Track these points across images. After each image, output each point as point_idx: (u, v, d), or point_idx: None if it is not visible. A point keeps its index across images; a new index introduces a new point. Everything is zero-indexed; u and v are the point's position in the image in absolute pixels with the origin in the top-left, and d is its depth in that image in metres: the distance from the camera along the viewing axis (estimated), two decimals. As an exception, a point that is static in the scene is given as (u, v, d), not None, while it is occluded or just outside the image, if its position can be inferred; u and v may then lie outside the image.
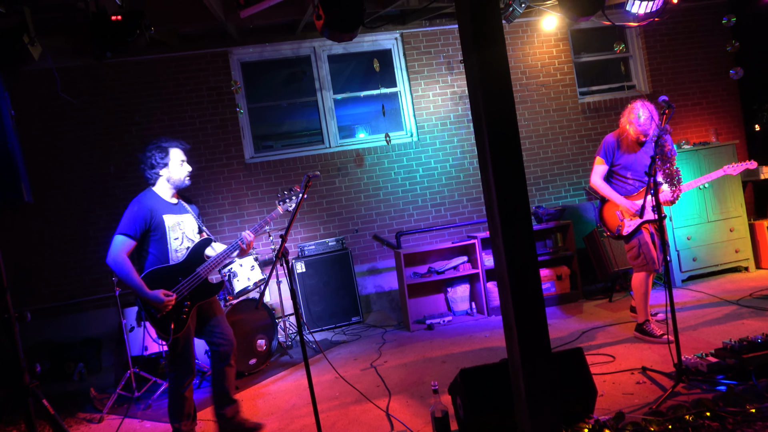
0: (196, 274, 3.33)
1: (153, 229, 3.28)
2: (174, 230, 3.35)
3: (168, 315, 3.23)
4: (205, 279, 3.37)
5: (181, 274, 3.31)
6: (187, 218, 3.45)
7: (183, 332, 3.27)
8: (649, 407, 3.00)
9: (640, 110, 4.11)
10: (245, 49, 6.43)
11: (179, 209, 3.44)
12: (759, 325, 4.14)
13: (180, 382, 3.32)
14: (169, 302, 3.20)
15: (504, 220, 2.52)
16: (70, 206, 6.01)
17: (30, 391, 2.61)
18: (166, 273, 3.28)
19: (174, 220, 3.36)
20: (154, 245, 3.30)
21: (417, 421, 3.33)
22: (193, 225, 3.48)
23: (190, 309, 3.31)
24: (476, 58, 2.48)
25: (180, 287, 3.28)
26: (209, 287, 3.41)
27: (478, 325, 5.41)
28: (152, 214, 3.28)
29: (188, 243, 3.40)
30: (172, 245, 3.33)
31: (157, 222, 3.29)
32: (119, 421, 4.14)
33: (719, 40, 7.31)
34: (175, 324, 3.23)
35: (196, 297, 3.33)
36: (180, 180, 3.40)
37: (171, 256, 3.33)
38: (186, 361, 3.33)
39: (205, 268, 3.36)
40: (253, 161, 6.45)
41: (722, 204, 5.85)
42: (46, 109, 5.89)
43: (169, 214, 3.35)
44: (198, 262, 3.37)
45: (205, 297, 3.39)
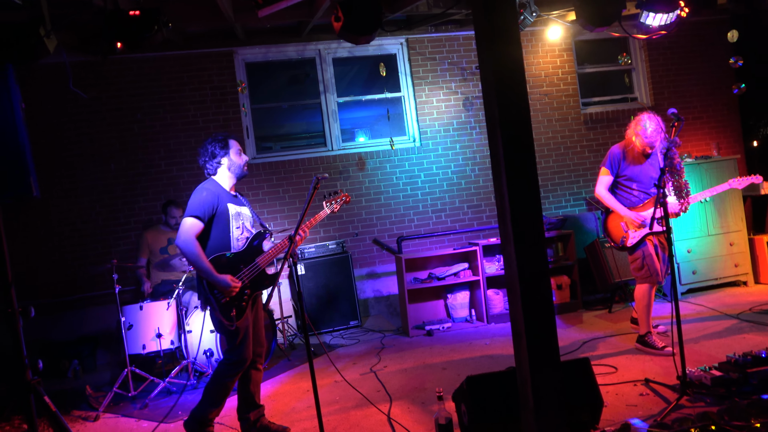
0: (255, 264, 3.38)
1: (218, 214, 3.34)
2: (236, 219, 3.41)
3: (231, 301, 3.26)
4: (263, 269, 3.42)
5: (242, 262, 3.36)
6: (246, 210, 3.54)
7: (243, 320, 3.29)
8: (653, 419, 2.99)
9: (647, 122, 4.11)
10: (251, 50, 6.42)
11: (239, 201, 3.52)
12: (760, 340, 4.15)
13: (230, 372, 3.31)
14: (236, 287, 3.25)
15: (516, 227, 2.51)
16: (69, 203, 5.95)
17: (32, 387, 2.57)
18: (230, 260, 3.33)
19: (235, 210, 3.43)
20: (218, 231, 3.35)
21: (419, 427, 3.31)
22: (250, 217, 3.56)
23: (250, 297, 3.35)
24: (491, 58, 2.46)
25: (242, 275, 3.33)
26: (267, 277, 3.46)
27: (478, 333, 5.40)
28: (219, 200, 3.35)
29: (247, 233, 3.47)
30: (234, 233, 3.39)
31: (223, 209, 3.35)
32: (115, 420, 4.10)
33: (721, 54, 7.37)
34: (236, 310, 3.27)
35: (255, 286, 3.38)
36: (240, 168, 3.47)
37: (233, 244, 3.38)
38: (244, 351, 3.31)
39: (263, 259, 3.41)
40: (254, 162, 6.43)
41: (723, 218, 5.88)
42: (48, 105, 5.84)
43: (231, 203, 3.42)
44: (257, 252, 3.43)
45: (263, 287, 3.43)
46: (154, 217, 5.98)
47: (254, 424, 3.45)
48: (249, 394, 3.46)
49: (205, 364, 4.65)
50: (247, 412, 3.46)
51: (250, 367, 3.45)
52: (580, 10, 3.81)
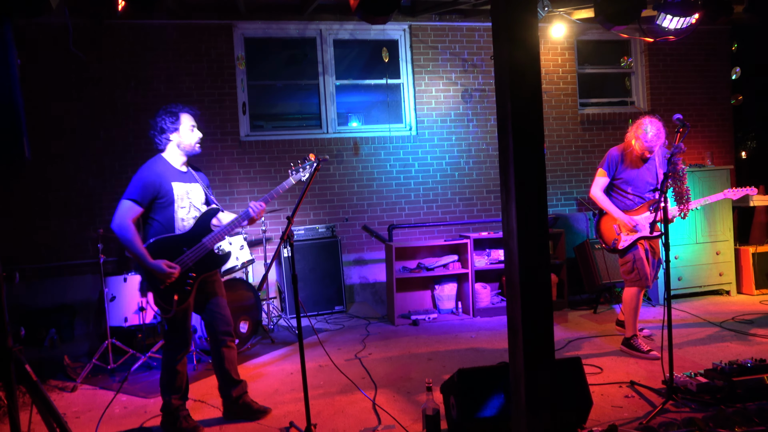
0: (201, 245, 3.23)
1: (161, 196, 3.19)
2: (182, 199, 3.25)
3: (171, 286, 3.14)
4: (210, 250, 3.27)
5: (186, 244, 3.21)
6: (195, 187, 3.36)
7: (185, 305, 3.19)
8: (639, 422, 3.01)
9: (649, 126, 4.10)
10: (251, 24, 6.29)
11: (188, 177, 3.34)
12: (743, 349, 4.21)
13: (174, 356, 3.25)
14: (172, 273, 3.10)
15: (521, 221, 2.47)
16: (55, 169, 5.80)
17: (12, 355, 2.49)
18: (171, 242, 3.18)
19: (182, 189, 3.26)
20: (161, 213, 3.21)
21: (404, 417, 3.29)
22: (201, 195, 3.38)
23: (195, 281, 3.22)
24: (507, 49, 2.41)
25: (184, 258, 3.18)
26: (215, 258, 3.32)
27: (464, 325, 5.40)
28: (161, 181, 3.18)
29: (195, 213, 3.30)
30: (178, 214, 3.24)
31: (166, 189, 3.19)
32: (93, 392, 4.03)
33: (720, 65, 7.42)
34: (178, 296, 3.15)
35: (201, 268, 3.25)
36: (191, 146, 3.29)
37: (177, 225, 3.24)
38: (182, 335, 3.25)
39: (211, 239, 3.26)
40: (248, 139, 6.32)
41: (711, 227, 5.94)
42: (40, 66, 5.66)
43: (178, 182, 3.26)
44: (204, 232, 3.26)
45: (210, 269, 3.30)
46: (142, 188, 5.86)
47: (236, 400, 3.40)
48: (224, 371, 3.40)
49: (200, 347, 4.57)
50: (228, 389, 3.41)
51: (221, 345, 3.38)
52: (601, 7, 3.77)
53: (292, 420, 3.29)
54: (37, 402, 2.57)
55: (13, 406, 2.50)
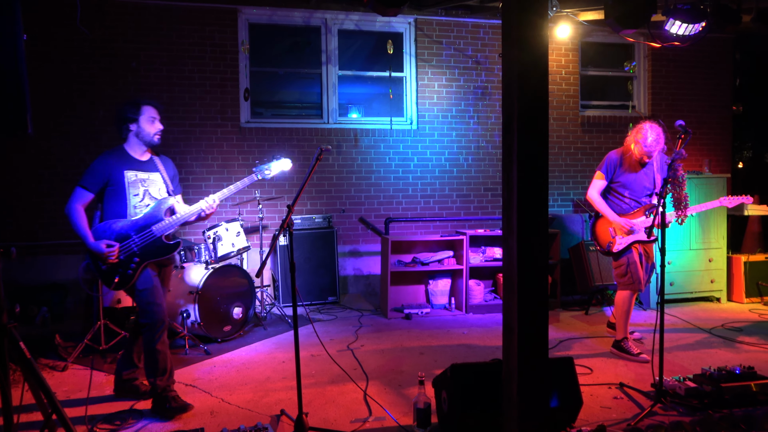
0: (149, 232, 3.32)
1: (112, 184, 3.29)
2: (135, 186, 3.35)
3: (113, 267, 3.25)
4: (159, 238, 3.35)
5: (134, 230, 3.30)
6: (155, 177, 3.45)
7: (139, 284, 3.28)
8: (627, 423, 3.04)
9: (648, 131, 4.12)
10: (256, 10, 6.26)
11: (148, 167, 3.43)
12: (731, 356, 4.25)
13: (152, 335, 3.30)
14: (111, 253, 3.20)
15: (521, 219, 2.49)
16: (52, 145, 5.76)
17: (7, 331, 2.48)
18: (119, 227, 3.29)
19: (137, 177, 3.36)
20: (113, 200, 3.31)
21: (394, 409, 3.31)
22: (160, 184, 3.47)
23: (138, 265, 3.30)
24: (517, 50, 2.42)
25: (130, 242, 3.28)
26: (163, 246, 3.38)
27: (456, 321, 5.43)
28: (112, 170, 3.30)
29: (150, 201, 3.40)
30: (131, 201, 3.34)
31: (117, 178, 3.30)
32: (83, 371, 4.02)
33: (722, 74, 7.45)
34: (120, 278, 3.26)
35: (146, 254, 3.32)
36: (149, 136, 3.37)
37: (129, 212, 3.34)
38: (154, 312, 3.30)
39: (160, 228, 3.34)
40: (248, 126, 6.30)
41: (705, 234, 5.98)
42: (42, 41, 5.61)
43: (133, 170, 3.35)
44: (155, 221, 3.35)
45: (157, 255, 3.37)
46: (140, 170, 5.83)
47: (126, 381, 3.55)
48: (129, 353, 3.54)
49: (179, 324, 4.58)
50: (122, 369, 3.54)
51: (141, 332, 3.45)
52: (612, 9, 3.77)
53: (283, 408, 3.30)
54: (30, 380, 2.57)
55: (5, 382, 2.50)
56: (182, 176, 6.08)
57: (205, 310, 4.59)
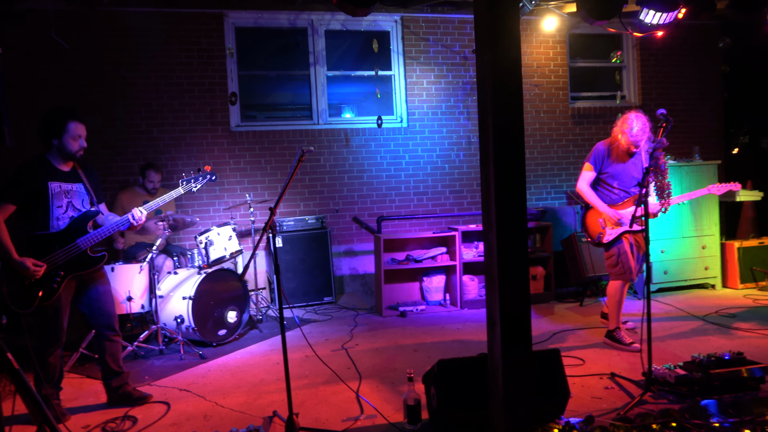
0: (74, 245, 3.28)
1: (34, 195, 3.23)
2: (58, 197, 3.30)
3: (36, 282, 3.18)
4: (84, 251, 3.32)
5: (58, 243, 3.26)
6: (77, 188, 3.41)
7: (52, 302, 3.22)
8: (617, 413, 3.05)
9: (634, 121, 4.13)
10: (242, 14, 6.26)
11: (70, 177, 3.38)
12: (724, 343, 4.26)
13: (44, 350, 3.29)
14: (37, 272, 3.14)
15: (500, 216, 2.50)
16: (43, 156, 5.77)
17: (-6, 343, 2.50)
18: (43, 240, 3.24)
19: (60, 188, 3.31)
20: (35, 211, 3.25)
21: (387, 407, 3.33)
22: (83, 195, 3.43)
23: (63, 279, 3.26)
24: (489, 51, 2.44)
25: (54, 256, 3.23)
26: (87, 259, 3.34)
27: (451, 317, 5.44)
28: (34, 180, 3.24)
29: (73, 213, 3.35)
30: (54, 213, 3.28)
31: (39, 188, 3.24)
32: (79, 380, 4.05)
33: (711, 61, 7.44)
34: (44, 292, 3.19)
35: (71, 268, 3.29)
36: (71, 153, 3.33)
37: (52, 224, 3.28)
38: (53, 330, 3.28)
39: (85, 240, 3.31)
40: (238, 129, 6.32)
41: (698, 222, 5.98)
42: (26, 52, 5.62)
43: (55, 181, 3.30)
44: (79, 233, 3.32)
45: (81, 269, 3.33)
46: (131, 178, 5.86)
47: (117, 390, 3.54)
48: (105, 363, 3.51)
49: (174, 329, 4.60)
50: (109, 379, 3.54)
51: (102, 338, 3.49)
52: (583, 1, 3.78)
53: (275, 409, 3.32)
54: (20, 390, 2.59)
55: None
56: (174, 182, 6.09)
57: (199, 314, 4.61)
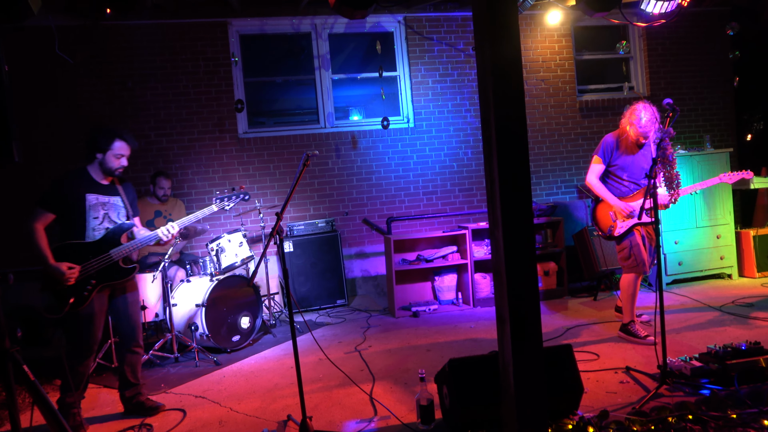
0: (107, 256, 3.38)
1: (72, 205, 3.35)
2: (95, 209, 3.41)
3: (70, 288, 3.27)
4: (116, 262, 3.41)
5: (92, 252, 3.36)
6: (114, 200, 3.51)
7: (83, 308, 3.30)
8: (632, 407, 3.02)
9: (642, 112, 4.09)
10: (246, 21, 6.30)
11: (108, 190, 3.49)
12: (741, 333, 4.20)
13: (75, 358, 3.36)
14: (72, 275, 3.23)
15: (506, 212, 2.49)
16: (54, 170, 5.80)
17: (10, 356, 2.54)
18: (78, 249, 3.34)
19: (97, 200, 3.42)
20: (72, 221, 3.36)
21: (401, 407, 3.33)
22: (120, 208, 3.53)
23: (94, 288, 3.34)
24: (489, 47, 2.43)
25: (88, 265, 3.32)
26: (119, 270, 3.44)
27: (464, 316, 5.42)
28: (73, 191, 3.35)
29: (109, 224, 3.46)
30: (90, 223, 3.39)
31: (77, 199, 3.35)
32: (96, 390, 4.09)
33: (720, 48, 7.34)
34: (75, 299, 3.28)
35: (103, 277, 3.37)
36: (110, 170, 3.45)
37: (88, 234, 3.39)
38: (86, 340, 3.35)
39: (117, 252, 3.40)
40: (246, 136, 6.36)
41: (711, 211, 5.91)
42: (34, 68, 5.70)
43: (93, 193, 3.41)
44: (113, 244, 3.41)
45: (113, 279, 3.42)
46: (143, 188, 5.91)
47: (130, 400, 3.59)
48: (122, 372, 3.58)
49: (188, 337, 4.64)
50: (123, 389, 3.60)
51: (125, 348, 3.56)
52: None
53: (289, 413, 3.33)
54: (37, 402, 2.63)
55: (12, 406, 2.56)
56: (185, 191, 6.17)
57: (212, 321, 4.64)
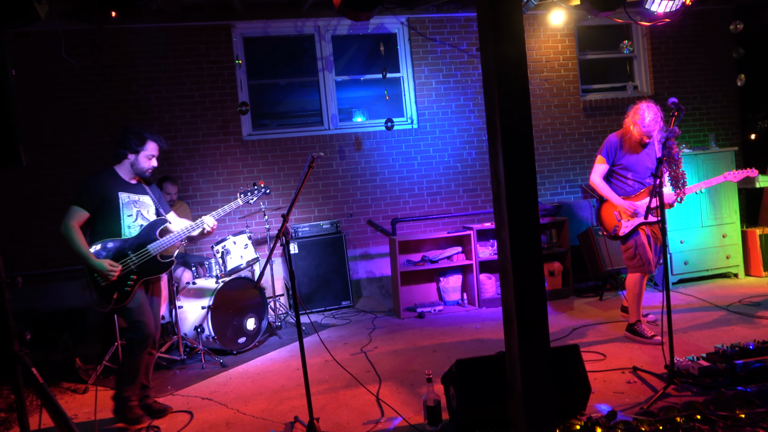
0: (145, 251, 3.46)
1: (107, 203, 3.40)
2: (128, 207, 3.47)
3: (112, 285, 3.34)
4: (154, 256, 3.49)
5: (131, 249, 3.43)
6: (145, 199, 3.59)
7: (130, 302, 3.38)
8: (640, 407, 3.02)
9: (646, 111, 4.08)
10: (249, 24, 6.32)
11: (137, 189, 3.56)
12: (748, 332, 4.18)
13: (135, 350, 3.43)
14: (113, 271, 3.30)
15: (512, 213, 2.49)
16: (59, 173, 5.89)
17: (19, 359, 2.55)
18: (116, 246, 3.40)
19: (129, 198, 3.49)
20: (108, 219, 3.41)
21: (407, 408, 3.33)
22: (150, 206, 3.60)
23: (135, 283, 3.41)
24: (493, 45, 2.43)
25: (128, 261, 3.40)
26: (158, 264, 3.52)
27: (469, 316, 5.42)
28: (107, 189, 3.41)
29: (143, 221, 3.53)
30: (125, 221, 3.45)
31: (111, 197, 3.41)
32: (104, 393, 4.10)
33: (723, 46, 7.32)
34: (118, 294, 3.35)
35: (143, 272, 3.44)
36: (142, 170, 3.51)
37: (124, 231, 3.45)
38: (142, 329, 3.42)
39: (155, 247, 3.49)
40: (250, 138, 6.37)
41: (717, 210, 5.89)
42: (39, 73, 5.74)
43: (125, 192, 3.47)
44: (149, 240, 3.50)
45: (152, 273, 3.50)
46: (148, 191, 5.93)
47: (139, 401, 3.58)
48: None
49: (194, 339, 4.65)
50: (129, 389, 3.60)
51: None
52: (586, -7, 3.76)
53: (296, 415, 3.34)
54: (46, 404, 2.64)
55: (21, 408, 2.57)
56: (189, 193, 6.18)
57: (218, 323, 4.65)
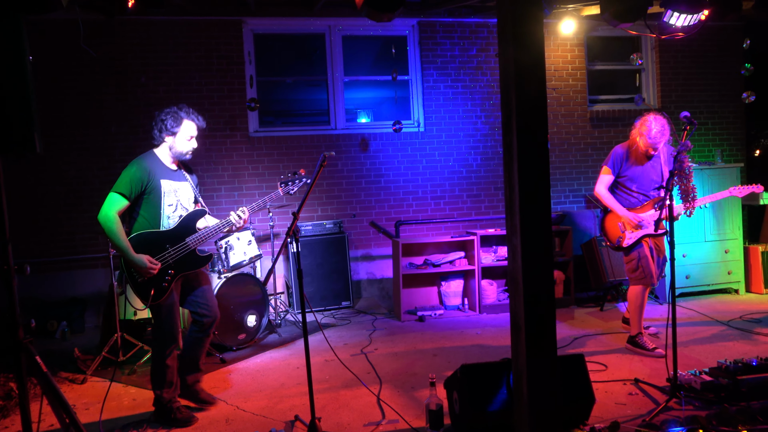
0: (184, 244, 3.30)
1: (148, 192, 3.24)
2: (169, 196, 3.31)
3: (149, 281, 3.20)
4: (193, 250, 3.34)
5: (169, 241, 3.27)
6: (185, 186, 3.42)
7: (164, 300, 3.24)
8: (642, 419, 3.02)
9: (653, 123, 4.09)
10: (260, 21, 6.32)
11: (178, 176, 3.40)
12: (748, 348, 4.19)
13: (162, 350, 3.31)
14: (153, 268, 3.16)
15: (524, 220, 2.49)
16: (66, 163, 5.88)
17: (24, 347, 2.54)
18: (155, 238, 3.24)
19: (171, 186, 3.33)
20: (147, 208, 3.26)
21: (408, 412, 3.32)
22: (190, 194, 3.45)
23: (173, 278, 3.27)
24: (513, 50, 2.44)
25: (166, 255, 3.24)
26: (196, 259, 3.37)
27: (470, 322, 5.42)
28: (150, 177, 3.24)
29: (182, 211, 3.37)
30: (165, 211, 3.30)
31: (154, 185, 3.25)
32: (102, 384, 4.09)
33: (732, 62, 7.34)
34: (155, 291, 3.20)
35: (181, 267, 3.30)
36: (181, 153, 3.35)
37: (162, 222, 3.30)
38: (169, 329, 3.30)
39: (194, 239, 3.33)
40: (257, 135, 6.36)
41: (720, 225, 5.90)
42: (52, 61, 5.72)
43: (167, 179, 3.32)
44: (189, 232, 3.33)
45: (190, 268, 3.35)
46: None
47: (189, 386, 3.50)
48: (194, 357, 3.47)
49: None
50: (186, 373, 3.48)
51: (203, 333, 3.44)
52: (608, 4, 3.75)
53: (297, 414, 3.33)
54: (48, 393, 2.63)
55: (24, 396, 2.56)
56: (194, 187, 6.18)
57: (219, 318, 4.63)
